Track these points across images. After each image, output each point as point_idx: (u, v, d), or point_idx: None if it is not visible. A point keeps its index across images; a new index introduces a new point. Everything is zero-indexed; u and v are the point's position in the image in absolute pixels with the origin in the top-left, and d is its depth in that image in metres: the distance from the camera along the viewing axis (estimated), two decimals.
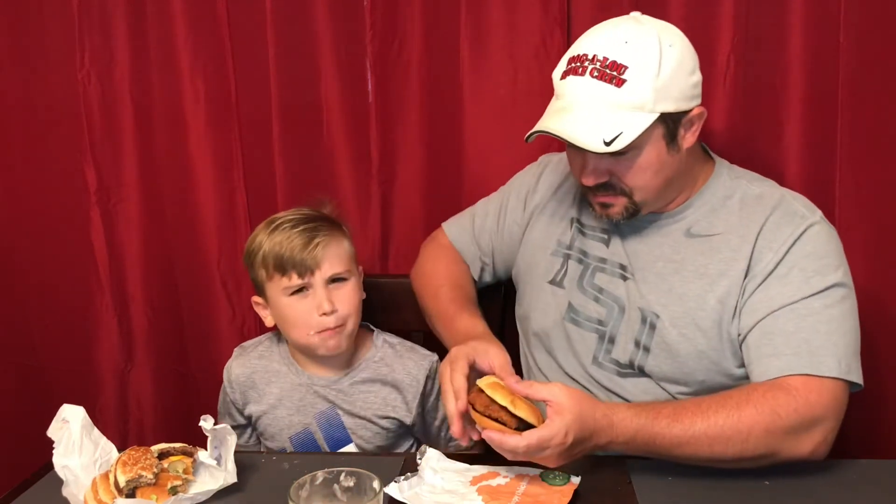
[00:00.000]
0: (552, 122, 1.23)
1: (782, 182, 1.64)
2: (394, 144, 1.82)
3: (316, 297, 1.42)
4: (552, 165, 1.54)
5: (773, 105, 1.67)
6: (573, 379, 1.40)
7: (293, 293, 1.43)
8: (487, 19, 1.73)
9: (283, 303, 1.44)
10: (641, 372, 1.34)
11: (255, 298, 1.51)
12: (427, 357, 1.53)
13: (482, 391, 1.15)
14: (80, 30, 1.84)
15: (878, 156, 1.65)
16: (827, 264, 1.25)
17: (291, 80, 1.81)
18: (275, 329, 1.55)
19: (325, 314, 1.41)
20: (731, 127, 1.68)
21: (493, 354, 1.24)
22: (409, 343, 1.56)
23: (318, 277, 1.42)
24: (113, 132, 1.89)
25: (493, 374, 1.21)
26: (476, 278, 1.60)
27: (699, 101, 1.28)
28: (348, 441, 1.48)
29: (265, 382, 1.52)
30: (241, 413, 1.54)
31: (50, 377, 2.04)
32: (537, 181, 1.53)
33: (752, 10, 1.65)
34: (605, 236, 1.41)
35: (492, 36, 1.73)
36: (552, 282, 1.44)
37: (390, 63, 1.78)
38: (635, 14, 1.30)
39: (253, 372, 1.53)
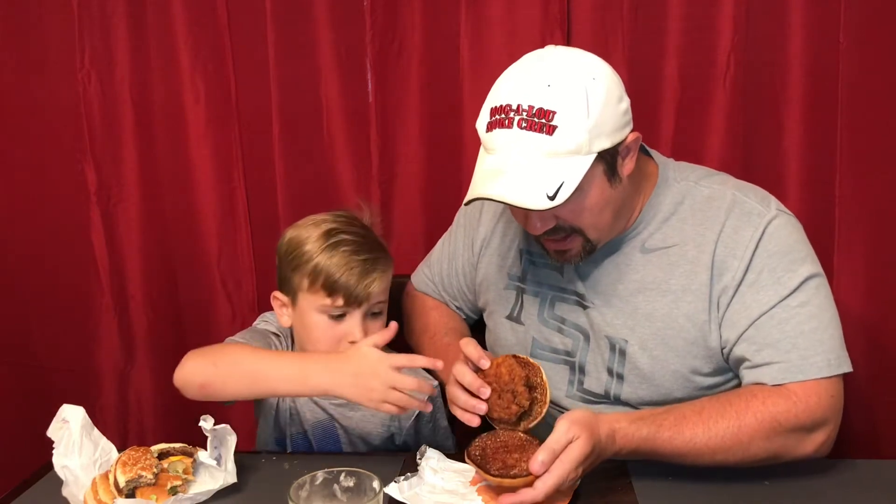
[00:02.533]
0: (489, 186, 1.15)
1: (783, 183, 1.66)
2: (394, 144, 1.82)
3: (351, 325, 1.36)
4: None
5: (773, 105, 1.68)
6: (550, 404, 1.38)
7: (331, 316, 1.36)
8: (487, 19, 1.73)
9: (314, 319, 1.37)
10: (617, 401, 1.32)
11: (278, 294, 1.42)
12: (427, 381, 1.45)
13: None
14: (80, 30, 1.84)
15: (878, 156, 1.65)
16: (794, 259, 1.23)
17: (291, 80, 1.81)
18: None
19: (353, 342, 1.34)
20: (731, 127, 1.68)
21: (468, 351, 1.21)
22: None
23: (362, 309, 1.36)
24: (113, 132, 1.89)
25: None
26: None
27: (631, 125, 1.22)
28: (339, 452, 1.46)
29: None
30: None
31: (50, 377, 2.04)
32: (480, 213, 1.48)
33: (752, 10, 1.65)
34: (559, 263, 1.35)
35: (492, 36, 1.73)
36: (510, 317, 1.41)
37: (390, 63, 1.78)
38: (550, 48, 1.23)
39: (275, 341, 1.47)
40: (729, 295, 1.23)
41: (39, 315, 2.03)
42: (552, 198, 1.12)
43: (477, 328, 1.58)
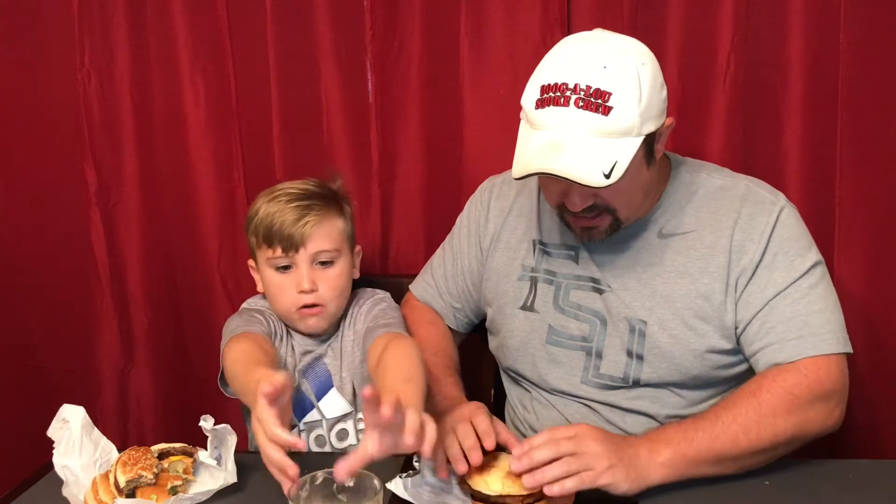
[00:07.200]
0: (548, 161, 1.18)
1: (783, 182, 1.66)
2: (394, 144, 1.82)
3: (297, 274, 1.43)
4: (496, 190, 1.51)
5: (773, 105, 1.67)
6: (565, 393, 1.39)
7: (277, 268, 1.44)
8: (487, 19, 1.73)
9: (268, 273, 1.46)
10: (636, 384, 1.34)
11: (251, 262, 1.52)
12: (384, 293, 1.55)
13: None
14: (80, 30, 1.84)
15: (878, 156, 1.65)
16: (803, 245, 1.31)
17: (291, 80, 1.81)
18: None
19: (303, 292, 1.42)
20: (731, 127, 1.68)
21: (478, 422, 1.20)
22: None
23: (303, 255, 1.42)
24: (113, 132, 1.89)
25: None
26: (454, 328, 1.57)
27: (667, 111, 1.27)
28: (329, 385, 1.48)
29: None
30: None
31: (50, 377, 2.04)
32: (487, 211, 1.50)
33: (752, 10, 1.64)
34: (573, 252, 1.39)
35: (492, 36, 1.73)
36: (523, 307, 1.42)
37: (390, 63, 1.78)
38: (598, 31, 1.26)
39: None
40: (747, 276, 1.29)
41: (39, 315, 2.03)
42: (607, 176, 1.16)
43: (468, 345, 1.58)
